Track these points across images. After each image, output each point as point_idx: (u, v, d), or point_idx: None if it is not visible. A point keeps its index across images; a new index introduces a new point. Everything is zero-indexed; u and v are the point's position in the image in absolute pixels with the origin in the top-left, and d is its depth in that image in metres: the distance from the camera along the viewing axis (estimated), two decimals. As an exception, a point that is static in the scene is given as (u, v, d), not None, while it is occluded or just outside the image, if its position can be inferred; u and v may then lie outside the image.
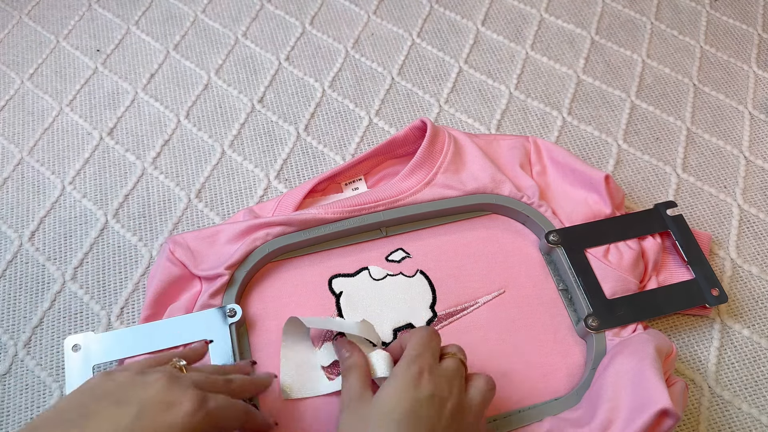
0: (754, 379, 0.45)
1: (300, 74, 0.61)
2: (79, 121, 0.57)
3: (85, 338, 0.42)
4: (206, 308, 0.43)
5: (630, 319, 0.44)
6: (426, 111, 0.58)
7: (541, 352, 0.44)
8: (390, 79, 0.61)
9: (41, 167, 0.54)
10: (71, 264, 0.49)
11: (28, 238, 0.50)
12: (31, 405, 0.43)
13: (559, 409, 0.41)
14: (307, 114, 0.58)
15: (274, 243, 0.46)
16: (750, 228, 0.52)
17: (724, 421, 0.44)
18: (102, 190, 0.53)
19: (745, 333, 0.47)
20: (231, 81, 0.60)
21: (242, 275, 0.44)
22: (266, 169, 0.54)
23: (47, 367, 0.45)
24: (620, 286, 0.45)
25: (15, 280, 0.48)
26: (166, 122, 0.57)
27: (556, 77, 0.61)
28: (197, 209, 0.52)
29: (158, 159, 0.55)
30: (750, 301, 0.49)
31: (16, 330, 0.46)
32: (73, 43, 0.62)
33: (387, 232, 0.48)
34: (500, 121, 0.58)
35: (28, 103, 0.58)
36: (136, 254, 0.49)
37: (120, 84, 0.59)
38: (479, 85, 0.61)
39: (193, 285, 0.45)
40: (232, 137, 0.56)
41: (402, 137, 0.52)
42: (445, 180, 0.49)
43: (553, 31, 0.65)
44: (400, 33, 0.64)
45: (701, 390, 0.45)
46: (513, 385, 0.43)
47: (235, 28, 0.64)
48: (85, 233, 0.50)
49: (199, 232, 0.46)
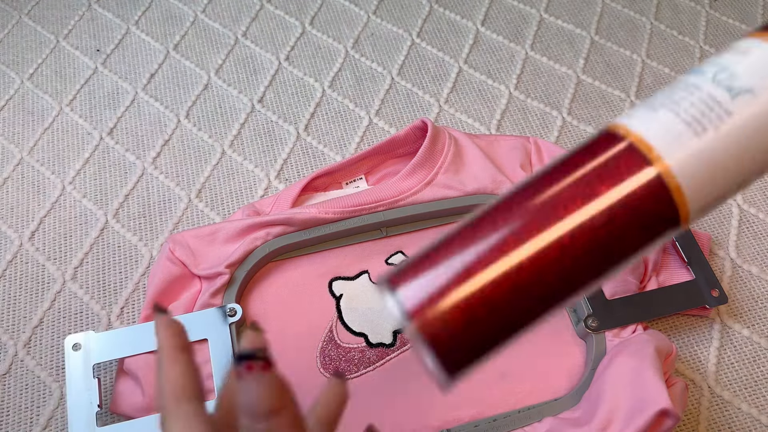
0: (753, 379, 0.45)
1: (300, 74, 0.61)
2: (79, 121, 0.57)
3: (85, 337, 0.42)
4: (206, 307, 0.43)
5: (630, 319, 0.44)
6: (426, 111, 0.58)
7: (540, 352, 0.44)
8: (390, 79, 0.61)
9: (41, 167, 0.54)
10: (71, 264, 0.49)
11: (28, 237, 0.50)
12: (31, 405, 0.43)
13: (559, 410, 0.41)
14: (307, 114, 0.58)
15: (274, 243, 0.46)
16: (750, 228, 0.52)
17: (723, 421, 0.44)
18: (102, 190, 0.53)
19: (744, 333, 0.47)
20: (231, 81, 0.60)
21: (242, 274, 0.44)
22: (266, 168, 0.54)
23: (47, 367, 0.45)
24: (620, 287, 0.45)
25: (15, 279, 0.48)
26: (166, 122, 0.57)
27: (556, 77, 0.61)
28: (197, 209, 0.52)
29: (158, 159, 0.55)
30: (750, 301, 0.49)
31: (16, 330, 0.46)
32: (73, 42, 0.62)
33: (387, 232, 0.48)
34: (500, 121, 0.58)
35: (28, 103, 0.58)
36: (136, 254, 0.49)
37: (120, 84, 0.59)
38: (479, 85, 0.61)
39: (193, 284, 0.45)
40: (232, 137, 0.56)
41: (402, 137, 0.52)
42: (445, 180, 0.49)
43: (552, 31, 0.65)
44: (399, 33, 0.64)
45: (701, 390, 0.45)
46: (512, 385, 0.43)
47: (235, 28, 0.64)
48: (85, 233, 0.50)
49: (198, 230, 0.46)
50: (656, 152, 0.20)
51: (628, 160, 0.20)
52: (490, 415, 0.41)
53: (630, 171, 0.20)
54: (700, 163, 0.20)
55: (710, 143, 0.20)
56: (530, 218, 0.20)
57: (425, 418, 0.41)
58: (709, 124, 0.20)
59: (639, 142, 0.20)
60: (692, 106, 0.21)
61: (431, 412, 0.41)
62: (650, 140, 0.20)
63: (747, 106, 0.20)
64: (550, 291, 0.20)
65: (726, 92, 0.21)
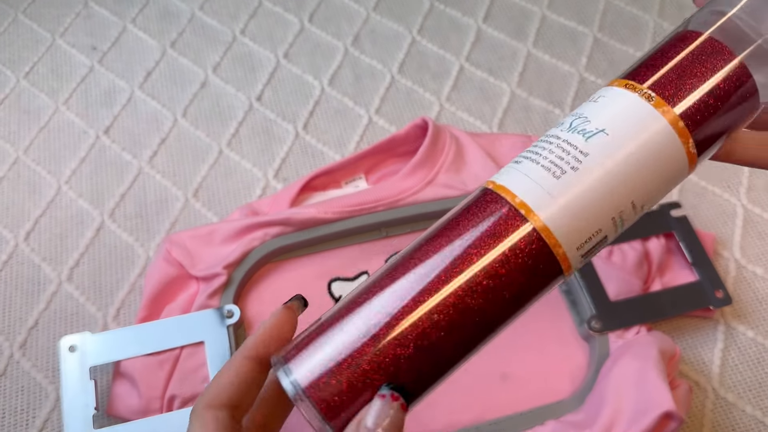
0: (758, 381, 0.45)
1: (299, 72, 0.60)
2: (75, 120, 0.56)
3: (81, 338, 0.41)
4: (203, 309, 0.42)
5: (633, 321, 0.43)
6: (426, 109, 0.58)
7: (543, 354, 0.43)
8: (390, 77, 0.60)
9: (37, 166, 0.53)
10: (67, 264, 0.48)
11: (24, 238, 0.50)
12: (26, 407, 0.43)
13: (562, 412, 0.40)
14: (306, 112, 0.57)
15: (272, 243, 0.45)
16: (754, 228, 0.52)
17: (728, 423, 0.43)
18: (98, 190, 0.52)
19: (749, 334, 0.46)
20: (229, 79, 0.59)
21: (240, 276, 0.44)
22: (264, 168, 0.54)
23: (43, 368, 0.44)
24: (624, 288, 0.44)
25: (10, 280, 0.48)
26: (163, 120, 0.56)
27: (559, 75, 0.61)
28: (194, 209, 0.51)
29: (155, 158, 0.54)
30: (754, 302, 0.48)
31: (12, 331, 0.46)
32: (69, 40, 0.62)
33: (387, 232, 0.48)
34: (502, 119, 0.57)
35: (23, 102, 0.57)
36: (133, 254, 0.49)
37: (116, 82, 0.59)
38: (480, 83, 0.60)
39: (190, 285, 0.45)
40: (230, 136, 0.56)
41: (403, 135, 0.51)
42: (446, 180, 0.48)
43: (555, 28, 0.64)
44: (400, 30, 0.63)
45: (705, 392, 0.44)
46: (514, 387, 0.42)
47: (232, 25, 0.63)
48: (81, 233, 0.50)
49: (195, 231, 0.46)
50: (528, 205, 0.21)
51: (506, 219, 0.22)
52: (491, 418, 0.40)
53: (508, 228, 0.21)
54: (567, 207, 0.21)
55: (572, 184, 0.22)
56: (414, 288, 0.21)
57: (426, 422, 0.41)
58: (567, 166, 0.22)
59: (510, 196, 0.22)
60: (551, 153, 0.22)
61: (432, 416, 0.41)
62: (521, 195, 0.22)
63: (600, 145, 0.22)
64: (443, 352, 0.21)
65: (581, 136, 0.22)
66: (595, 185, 0.22)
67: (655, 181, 0.22)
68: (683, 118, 0.22)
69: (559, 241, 0.21)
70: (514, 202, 0.22)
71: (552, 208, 0.21)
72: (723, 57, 0.23)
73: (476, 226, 0.22)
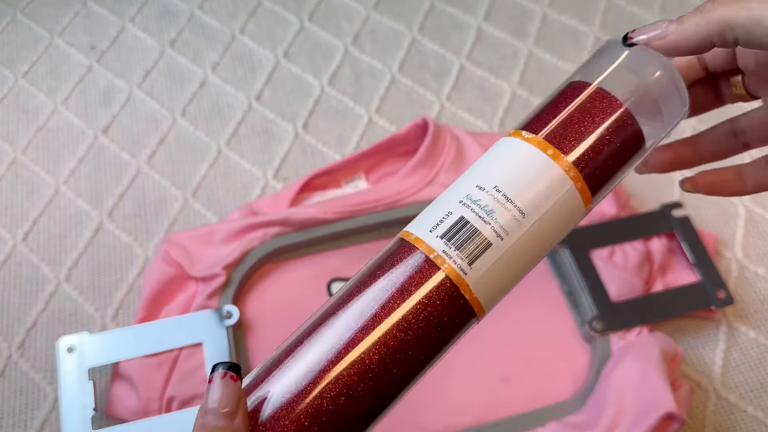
0: (760, 382, 0.44)
1: (298, 71, 0.60)
2: (74, 120, 0.56)
3: (79, 339, 0.41)
4: (203, 309, 0.42)
5: (635, 321, 0.43)
6: (427, 108, 0.58)
7: (544, 355, 0.43)
8: (390, 76, 0.60)
9: (35, 166, 0.53)
10: (65, 265, 0.48)
11: (22, 238, 0.49)
12: (25, 408, 0.43)
13: (563, 413, 0.40)
14: (306, 111, 0.57)
15: (272, 243, 0.45)
16: (756, 228, 0.51)
17: (729, 424, 0.43)
18: (96, 190, 0.52)
19: (751, 335, 0.46)
20: (228, 78, 0.59)
21: (239, 276, 0.44)
22: (264, 167, 0.53)
23: (41, 369, 0.44)
24: (625, 288, 0.44)
25: (8, 281, 0.47)
26: (162, 120, 0.56)
27: (560, 74, 0.60)
28: (193, 209, 0.51)
29: (153, 158, 0.54)
30: (756, 302, 0.48)
31: (10, 332, 0.45)
32: (67, 40, 0.61)
33: (387, 232, 0.47)
34: (503, 119, 0.57)
35: (22, 101, 0.57)
36: (131, 255, 0.49)
37: (115, 81, 0.58)
38: (481, 82, 0.60)
39: (189, 286, 0.44)
40: (229, 135, 0.55)
41: (403, 135, 0.51)
42: (447, 179, 0.48)
43: (556, 27, 0.64)
44: (400, 29, 0.63)
45: (707, 393, 0.44)
46: (516, 388, 0.42)
47: (231, 24, 0.63)
48: (79, 233, 0.50)
49: (194, 231, 0.46)
50: (439, 255, 0.23)
51: (421, 268, 0.23)
52: (492, 419, 0.40)
53: (422, 277, 0.23)
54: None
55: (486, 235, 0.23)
56: (340, 339, 0.23)
57: (427, 423, 0.41)
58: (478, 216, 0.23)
59: (425, 247, 0.23)
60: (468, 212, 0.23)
61: (433, 417, 0.41)
62: (433, 245, 0.23)
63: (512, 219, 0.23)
64: (375, 396, 0.22)
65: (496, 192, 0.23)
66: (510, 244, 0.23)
67: (558, 228, 0.24)
68: (576, 165, 0.23)
69: (468, 282, 0.23)
70: (437, 260, 0.23)
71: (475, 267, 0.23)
72: (610, 105, 0.25)
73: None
